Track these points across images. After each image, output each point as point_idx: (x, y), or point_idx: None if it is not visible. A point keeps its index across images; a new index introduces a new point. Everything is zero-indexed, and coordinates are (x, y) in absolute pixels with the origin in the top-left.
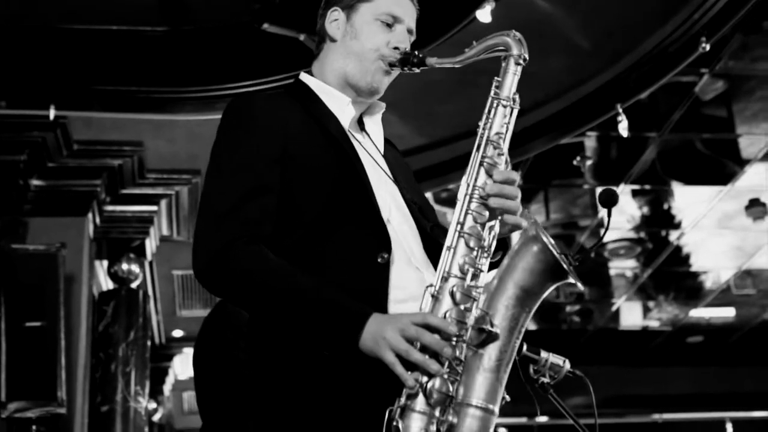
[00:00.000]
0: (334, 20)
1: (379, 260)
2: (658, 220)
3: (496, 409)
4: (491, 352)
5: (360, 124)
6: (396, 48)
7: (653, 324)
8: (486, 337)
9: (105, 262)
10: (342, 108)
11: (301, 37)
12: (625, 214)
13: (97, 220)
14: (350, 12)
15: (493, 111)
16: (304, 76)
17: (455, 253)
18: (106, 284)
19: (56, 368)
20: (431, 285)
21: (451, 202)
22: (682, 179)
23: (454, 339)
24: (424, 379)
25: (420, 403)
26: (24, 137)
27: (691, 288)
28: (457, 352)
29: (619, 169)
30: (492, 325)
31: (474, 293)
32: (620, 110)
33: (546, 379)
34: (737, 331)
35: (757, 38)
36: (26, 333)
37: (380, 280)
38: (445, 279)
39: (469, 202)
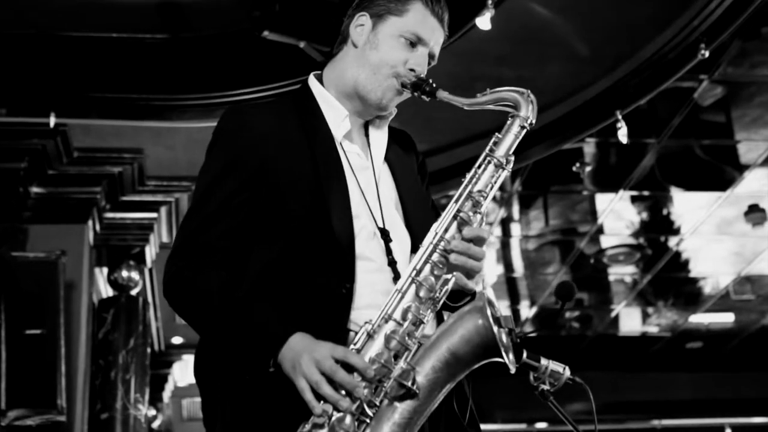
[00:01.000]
0: (360, 25)
1: (342, 291)
2: (658, 226)
3: None
4: (405, 407)
5: (365, 130)
6: (412, 70)
7: (652, 330)
8: (404, 393)
9: (105, 270)
10: (339, 120)
11: (302, 45)
12: (624, 220)
13: (97, 227)
14: (378, 21)
15: (483, 167)
16: (311, 81)
17: (402, 298)
18: (106, 291)
19: (56, 376)
20: (369, 322)
21: None
22: (681, 185)
23: (373, 383)
24: (333, 413)
25: None
26: (24, 145)
27: (690, 294)
28: (372, 398)
29: (619, 175)
30: (413, 383)
31: (409, 342)
32: (620, 117)
33: (546, 386)
34: (736, 337)
35: (756, 44)
36: (26, 340)
37: (341, 310)
38: (385, 320)
39: (432, 252)
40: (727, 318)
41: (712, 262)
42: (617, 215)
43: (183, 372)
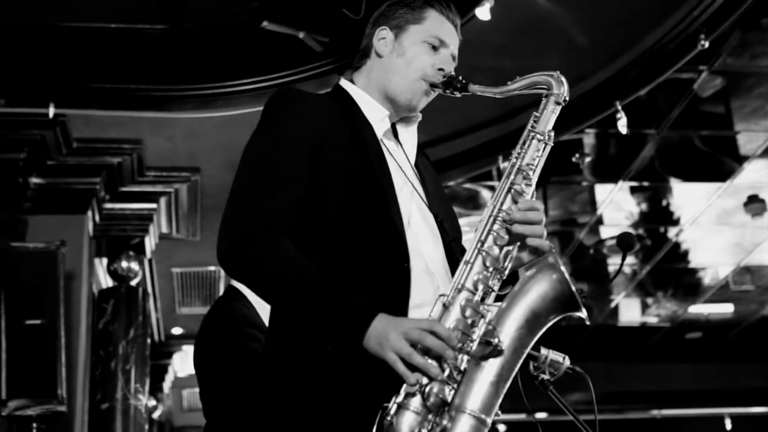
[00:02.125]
0: (383, 38)
1: (401, 269)
2: (657, 217)
3: (489, 421)
4: (493, 366)
5: (394, 132)
6: (441, 69)
7: (652, 320)
8: (491, 351)
9: (104, 260)
10: (378, 118)
11: (301, 35)
12: (623, 211)
13: (97, 217)
14: (399, 32)
15: (527, 143)
16: (344, 83)
17: (471, 269)
18: (106, 282)
19: (56, 366)
20: (444, 294)
21: (451, 199)
22: (680, 176)
23: (457, 349)
24: (424, 380)
25: (416, 403)
26: (23, 135)
27: (690, 284)
28: (458, 362)
29: (618, 165)
30: (498, 340)
31: (482, 309)
32: (619, 107)
33: (546, 376)
34: (736, 327)
35: (755, 35)
36: (26, 331)
37: (402, 285)
38: (458, 291)
39: (492, 223)
40: (726, 308)
41: (712, 253)
42: (617, 206)
43: (183, 362)
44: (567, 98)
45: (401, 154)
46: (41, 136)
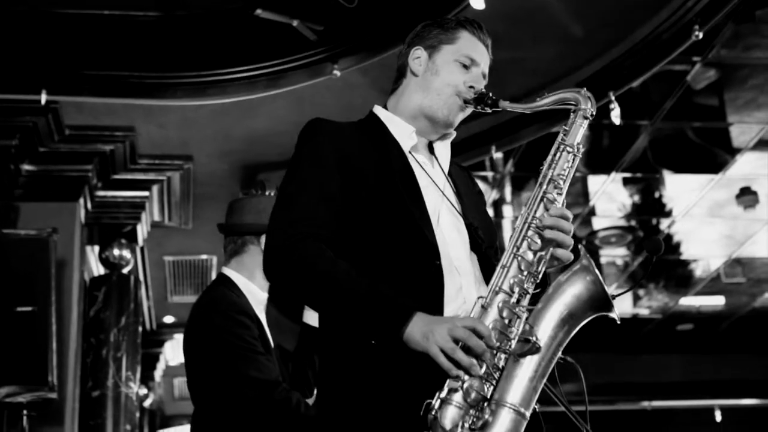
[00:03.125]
0: (417, 58)
1: (431, 267)
2: (649, 209)
3: (528, 415)
4: (531, 363)
5: (430, 148)
6: (471, 87)
7: (643, 312)
8: (529, 348)
9: (96, 248)
10: (405, 134)
11: (294, 23)
12: (616, 203)
13: (89, 205)
14: (433, 51)
15: (558, 154)
16: (377, 109)
17: (508, 272)
18: (98, 269)
19: (47, 353)
20: (482, 297)
21: None
22: (673, 168)
23: (495, 349)
24: (465, 377)
25: (458, 398)
26: (15, 122)
27: (682, 276)
28: (495, 360)
29: (611, 157)
30: (536, 338)
31: (518, 310)
32: (613, 98)
33: None
34: (727, 320)
35: (749, 27)
36: (17, 318)
37: (435, 282)
38: (495, 293)
39: (527, 229)
40: (718, 300)
41: (704, 245)
42: (609, 197)
43: (174, 351)
44: (594, 113)
45: (434, 166)
46: (33, 123)
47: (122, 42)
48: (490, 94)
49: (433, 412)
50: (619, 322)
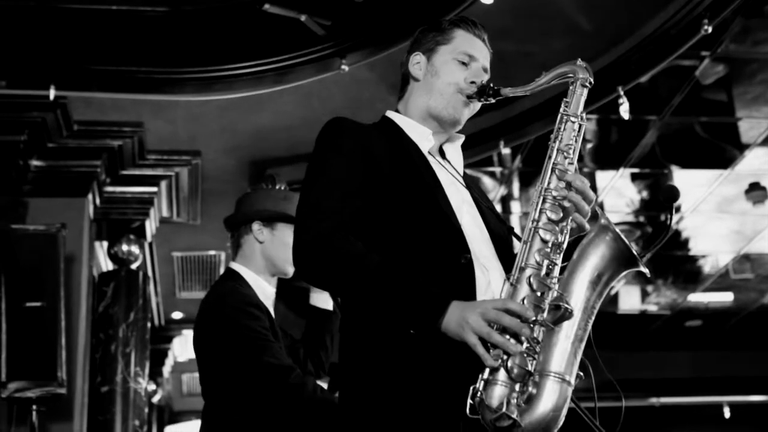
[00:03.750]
0: (417, 63)
1: (462, 261)
2: (657, 204)
3: (573, 381)
4: (567, 329)
5: (441, 153)
6: (473, 82)
7: (652, 308)
8: (562, 314)
9: (105, 243)
10: (423, 138)
11: (302, 18)
12: (624, 198)
13: (97, 200)
14: (430, 54)
15: (562, 125)
16: (389, 113)
17: (531, 247)
18: (106, 265)
19: (56, 348)
20: (509, 275)
21: None
22: (681, 163)
23: (531, 322)
24: (505, 356)
25: (502, 376)
26: (24, 117)
27: (690, 272)
28: (534, 333)
29: (619, 152)
30: (568, 304)
31: (548, 282)
32: (621, 93)
33: None
34: (735, 316)
35: (758, 21)
36: (26, 313)
37: (467, 277)
38: (522, 269)
39: (543, 202)
40: (726, 297)
41: (712, 241)
42: (618, 193)
43: (183, 347)
44: (592, 81)
45: (450, 168)
46: (42, 119)
47: (130, 37)
48: (491, 85)
49: (478, 395)
50: (648, 275)
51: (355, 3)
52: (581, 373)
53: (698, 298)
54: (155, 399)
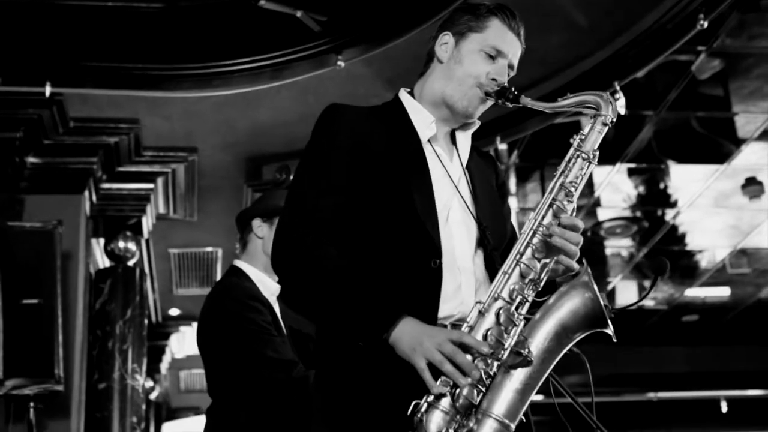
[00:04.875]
0: (444, 43)
1: (432, 265)
2: (654, 199)
3: (513, 427)
4: (521, 375)
5: (453, 139)
6: (494, 80)
7: (649, 303)
8: (521, 361)
9: (102, 240)
10: (425, 124)
11: (298, 14)
12: (621, 193)
13: (94, 197)
14: (460, 38)
15: (573, 161)
16: (402, 94)
17: (509, 279)
18: (103, 262)
19: (53, 346)
20: (480, 302)
21: None
22: (678, 158)
23: (488, 356)
24: (452, 383)
25: (445, 403)
26: (20, 114)
27: (687, 267)
28: (487, 368)
29: (616, 147)
30: (528, 351)
31: (516, 319)
32: (618, 88)
33: None
34: (732, 310)
35: (754, 16)
36: (23, 310)
37: (433, 283)
38: (494, 299)
39: (532, 236)
40: (723, 291)
41: (709, 236)
42: (614, 188)
43: (180, 344)
44: (614, 120)
45: (453, 158)
46: (38, 116)
47: (126, 33)
48: (513, 89)
49: (419, 415)
50: (615, 341)
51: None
52: (523, 419)
53: (695, 292)
54: (153, 396)
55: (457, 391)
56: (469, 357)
